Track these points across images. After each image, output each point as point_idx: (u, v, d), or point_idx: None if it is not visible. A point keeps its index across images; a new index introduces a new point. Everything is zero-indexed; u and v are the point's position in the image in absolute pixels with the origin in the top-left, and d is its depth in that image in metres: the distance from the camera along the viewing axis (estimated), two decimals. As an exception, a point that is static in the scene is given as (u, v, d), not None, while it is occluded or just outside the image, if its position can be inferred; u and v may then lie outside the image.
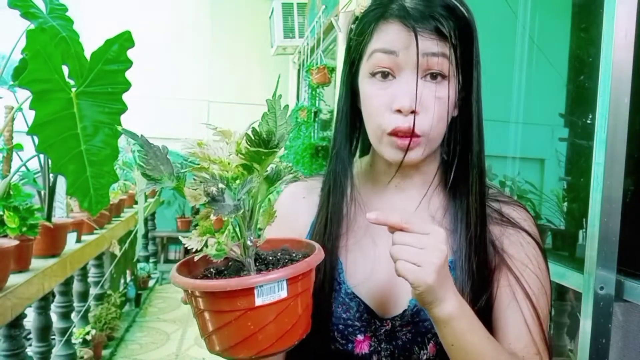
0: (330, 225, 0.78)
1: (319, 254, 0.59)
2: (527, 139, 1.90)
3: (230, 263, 0.59)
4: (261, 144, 0.52)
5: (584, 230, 1.35)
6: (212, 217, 0.54)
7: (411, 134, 0.70)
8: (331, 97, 3.90)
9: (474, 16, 0.74)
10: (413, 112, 0.69)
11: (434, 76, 0.70)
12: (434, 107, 0.70)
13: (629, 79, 0.95)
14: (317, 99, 4.06)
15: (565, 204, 1.59)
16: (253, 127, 0.52)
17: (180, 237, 0.60)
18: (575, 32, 1.60)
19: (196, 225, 0.56)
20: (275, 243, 0.65)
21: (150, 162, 0.52)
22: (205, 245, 0.55)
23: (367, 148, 0.85)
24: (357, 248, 0.79)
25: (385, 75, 0.71)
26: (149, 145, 0.52)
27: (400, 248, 0.61)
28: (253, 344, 0.53)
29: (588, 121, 1.43)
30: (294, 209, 0.84)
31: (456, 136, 0.77)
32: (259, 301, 0.52)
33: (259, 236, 0.58)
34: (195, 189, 0.53)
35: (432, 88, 0.70)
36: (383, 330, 0.74)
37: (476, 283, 0.74)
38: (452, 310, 0.63)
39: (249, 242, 0.56)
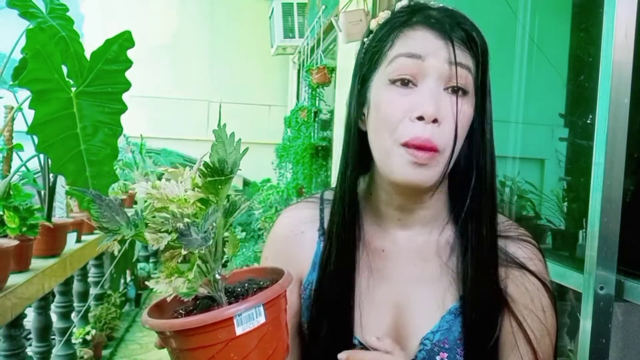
0: (339, 271, 0.74)
1: (288, 277, 0.58)
2: (527, 139, 1.90)
3: (198, 302, 0.58)
4: (215, 174, 0.52)
5: (584, 230, 1.35)
6: (183, 252, 0.53)
7: (433, 148, 0.65)
8: (331, 97, 3.90)
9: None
10: (435, 121, 0.65)
11: (455, 90, 0.67)
12: (454, 120, 0.65)
13: (629, 79, 0.94)
14: (317, 99, 4.06)
15: (565, 204, 1.59)
16: (204, 161, 0.53)
17: (147, 284, 0.60)
18: (575, 32, 1.60)
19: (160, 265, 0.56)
20: (239, 275, 0.64)
21: (105, 214, 0.53)
22: (173, 286, 0.54)
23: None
24: (361, 288, 0.75)
25: (405, 82, 0.67)
26: (100, 199, 0.53)
27: None
28: None
29: (588, 121, 1.43)
30: (293, 245, 0.80)
31: (468, 166, 0.72)
32: (239, 330, 0.51)
33: (225, 266, 0.57)
34: (157, 231, 0.53)
35: (454, 101, 0.66)
36: None
37: (482, 328, 0.72)
38: None
39: (217, 276, 0.56)
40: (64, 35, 1.27)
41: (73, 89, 1.25)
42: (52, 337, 2.23)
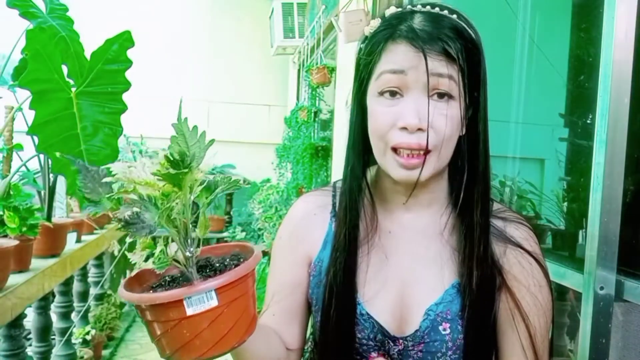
0: (349, 246, 0.80)
1: (252, 261, 0.61)
2: (527, 139, 1.90)
3: (179, 276, 0.61)
4: (174, 166, 0.54)
5: (584, 230, 1.35)
6: (128, 239, 0.57)
7: (425, 151, 0.71)
8: (331, 97, 3.90)
9: (480, 38, 0.75)
10: (419, 129, 0.71)
11: (441, 95, 0.72)
12: (440, 124, 0.71)
13: (629, 79, 0.95)
14: (317, 99, 4.06)
15: (565, 204, 1.59)
16: (165, 154, 0.55)
17: (127, 254, 0.62)
18: (575, 32, 1.60)
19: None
20: (227, 249, 0.67)
21: (89, 185, 0.55)
22: (147, 259, 0.58)
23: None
24: (369, 265, 0.81)
25: (393, 93, 0.73)
26: (86, 169, 0.55)
27: None
28: (192, 348, 0.57)
29: (588, 121, 1.43)
30: (306, 225, 0.87)
31: (464, 154, 0.78)
32: (189, 311, 0.55)
33: (198, 245, 0.60)
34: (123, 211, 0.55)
35: (440, 106, 0.72)
36: (396, 350, 0.77)
37: (480, 303, 0.76)
38: None
39: (188, 254, 0.59)
40: (64, 35, 1.27)
41: (73, 89, 1.25)
42: (52, 337, 2.23)
